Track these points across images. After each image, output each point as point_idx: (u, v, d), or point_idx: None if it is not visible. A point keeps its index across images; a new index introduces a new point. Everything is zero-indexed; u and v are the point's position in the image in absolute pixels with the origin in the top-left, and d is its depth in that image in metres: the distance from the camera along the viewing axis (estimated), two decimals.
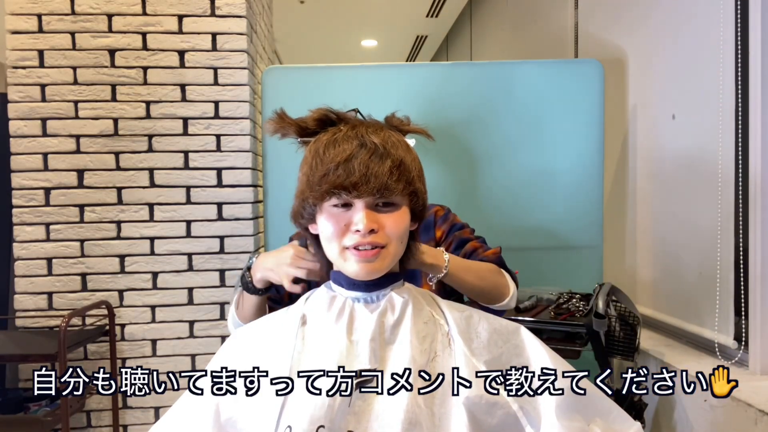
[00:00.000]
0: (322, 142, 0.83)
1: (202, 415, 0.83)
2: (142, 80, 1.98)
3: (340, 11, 4.55)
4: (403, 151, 0.83)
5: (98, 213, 1.99)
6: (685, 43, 1.75)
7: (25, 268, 1.97)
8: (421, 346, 0.81)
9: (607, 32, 2.25)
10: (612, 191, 2.19)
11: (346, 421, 0.75)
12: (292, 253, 1.00)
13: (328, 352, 0.80)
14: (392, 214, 0.82)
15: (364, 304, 0.84)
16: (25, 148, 1.96)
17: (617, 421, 0.84)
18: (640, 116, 2.01)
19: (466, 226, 1.30)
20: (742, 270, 1.51)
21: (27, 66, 1.95)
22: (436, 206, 1.32)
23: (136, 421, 2.04)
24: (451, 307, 0.88)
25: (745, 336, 1.51)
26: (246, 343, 0.88)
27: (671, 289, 1.84)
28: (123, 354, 2.02)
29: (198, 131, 2.01)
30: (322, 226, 0.83)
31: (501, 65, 2.02)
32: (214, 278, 2.04)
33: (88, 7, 1.96)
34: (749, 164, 1.48)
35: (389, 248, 0.82)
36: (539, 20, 3.07)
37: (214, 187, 2.02)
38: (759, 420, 1.27)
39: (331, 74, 2.03)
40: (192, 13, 1.99)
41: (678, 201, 1.79)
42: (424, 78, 2.03)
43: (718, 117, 1.56)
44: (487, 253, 1.22)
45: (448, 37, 5.45)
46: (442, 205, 1.34)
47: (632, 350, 1.60)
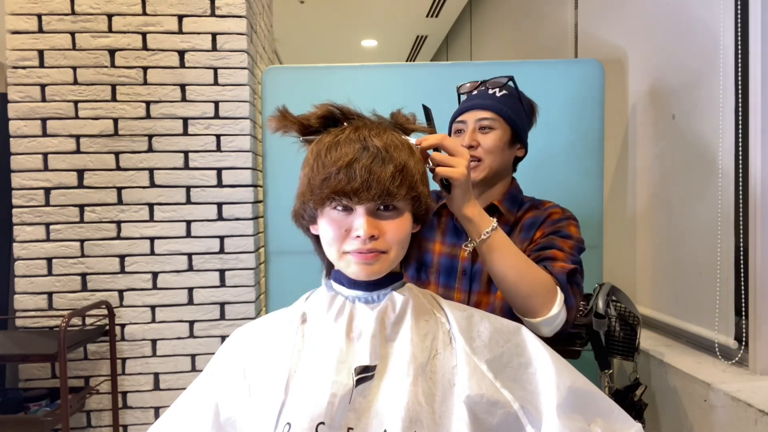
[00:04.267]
0: (324, 143, 0.81)
1: (202, 415, 0.83)
2: (142, 80, 1.98)
3: (340, 11, 4.55)
4: (405, 155, 0.82)
5: (98, 213, 1.99)
6: (685, 42, 1.75)
7: (25, 268, 1.98)
8: (422, 344, 0.81)
9: (607, 32, 2.25)
10: (612, 191, 2.19)
11: (346, 418, 0.75)
12: None
13: (328, 350, 0.80)
14: (394, 220, 0.81)
15: (365, 303, 0.84)
16: (25, 148, 1.96)
17: (618, 421, 0.84)
18: (640, 116, 2.01)
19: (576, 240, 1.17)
20: (742, 270, 1.51)
21: (27, 66, 1.95)
22: (557, 208, 1.23)
23: (136, 421, 2.04)
24: (452, 306, 0.88)
25: (745, 336, 1.51)
26: (246, 342, 0.88)
27: (671, 289, 1.84)
28: (123, 354, 2.02)
29: (198, 131, 2.01)
30: (322, 229, 0.83)
31: (501, 65, 2.02)
32: (214, 278, 2.04)
33: (88, 7, 1.96)
34: (749, 164, 1.48)
35: (389, 254, 0.82)
36: (539, 20, 3.07)
37: (214, 187, 2.02)
38: (759, 420, 1.27)
39: (331, 74, 2.03)
40: (192, 13, 1.99)
41: (678, 201, 1.79)
42: (424, 78, 2.03)
43: (718, 117, 1.56)
44: (556, 265, 1.08)
45: (448, 37, 5.45)
46: (567, 211, 1.23)
47: (632, 350, 1.60)
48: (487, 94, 1.27)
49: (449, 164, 0.95)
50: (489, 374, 0.80)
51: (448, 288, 1.22)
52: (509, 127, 1.24)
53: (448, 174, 0.95)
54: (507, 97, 1.26)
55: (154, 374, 2.04)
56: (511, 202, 1.26)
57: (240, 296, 2.05)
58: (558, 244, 1.14)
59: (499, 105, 1.24)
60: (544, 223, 1.20)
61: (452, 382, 0.79)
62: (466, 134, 1.24)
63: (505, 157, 1.25)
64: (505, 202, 1.25)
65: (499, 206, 1.24)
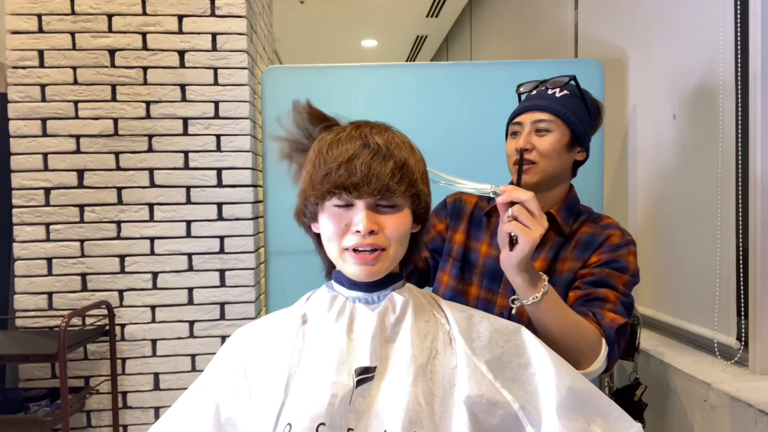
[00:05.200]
0: (326, 141, 0.83)
1: (202, 415, 0.83)
2: (142, 80, 1.98)
3: (340, 11, 4.55)
4: (406, 152, 0.83)
5: (98, 213, 1.99)
6: (685, 42, 1.75)
7: (25, 268, 1.98)
8: (422, 345, 0.81)
9: (607, 32, 2.25)
10: (612, 191, 2.19)
11: (346, 418, 0.75)
12: None
13: (329, 350, 0.80)
14: (393, 215, 0.81)
15: (365, 303, 0.84)
16: (25, 148, 1.96)
17: (618, 422, 0.84)
18: (640, 116, 2.01)
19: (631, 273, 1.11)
20: (742, 270, 1.51)
21: (27, 66, 1.95)
22: (617, 230, 1.16)
23: (136, 421, 2.04)
24: (452, 307, 0.88)
25: (745, 336, 1.51)
26: (247, 342, 0.88)
27: (671, 289, 1.84)
28: (123, 354, 2.02)
29: (198, 131, 2.01)
30: (323, 225, 0.83)
31: (501, 65, 2.02)
32: (214, 278, 2.04)
33: (88, 7, 1.96)
34: (749, 164, 1.48)
35: (389, 251, 0.82)
36: (539, 20, 3.07)
37: (214, 187, 2.02)
38: (759, 420, 1.27)
39: (331, 74, 2.03)
40: (192, 13, 1.99)
41: (678, 201, 1.79)
42: (424, 78, 2.03)
43: (718, 117, 1.56)
44: (607, 314, 1.03)
45: (448, 37, 5.45)
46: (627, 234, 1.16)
47: (632, 350, 1.60)
48: (546, 95, 1.20)
49: (526, 224, 0.91)
50: (489, 375, 0.80)
51: (491, 292, 1.18)
52: (568, 129, 1.17)
53: (521, 232, 0.90)
54: (568, 98, 1.19)
55: (154, 374, 2.04)
56: (569, 212, 1.19)
57: (240, 296, 2.05)
58: (612, 282, 1.08)
59: (557, 106, 1.17)
60: (602, 246, 1.13)
61: (452, 383, 0.80)
62: (521, 136, 1.18)
63: (563, 161, 1.18)
64: (562, 211, 1.19)
65: (556, 216, 1.18)
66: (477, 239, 1.23)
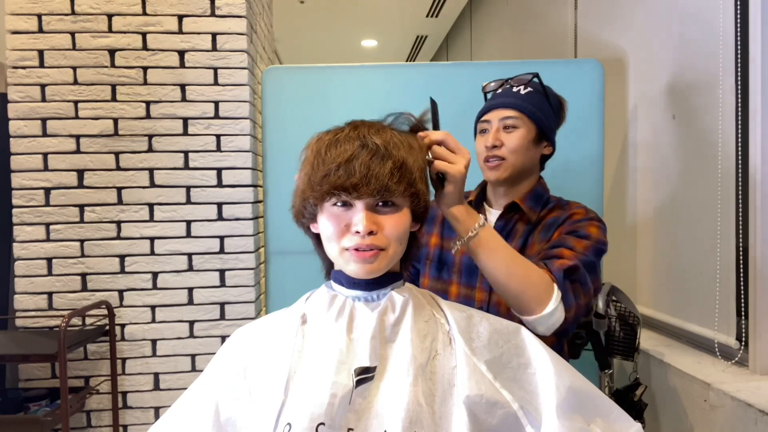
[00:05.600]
0: (324, 141, 0.83)
1: (202, 415, 0.83)
2: (142, 80, 1.98)
3: (340, 11, 4.55)
4: (405, 152, 0.83)
5: (98, 213, 1.99)
6: (685, 42, 1.75)
7: (25, 268, 1.98)
8: (421, 345, 0.81)
9: (607, 32, 2.25)
10: (612, 191, 2.19)
11: (346, 418, 0.75)
12: None
13: (329, 350, 0.80)
14: (392, 215, 0.82)
15: (365, 302, 0.84)
16: (25, 148, 1.96)
17: (617, 422, 0.84)
18: (640, 116, 2.01)
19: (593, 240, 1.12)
20: (742, 269, 1.51)
21: (27, 66, 1.95)
22: (581, 209, 1.20)
23: (136, 421, 2.04)
24: (451, 306, 0.89)
25: (745, 336, 1.51)
26: (247, 342, 0.88)
27: (671, 289, 1.84)
28: (123, 354, 2.02)
29: (198, 131, 2.01)
30: (322, 225, 0.83)
31: (501, 65, 2.02)
32: (214, 278, 2.04)
33: (88, 7, 1.96)
34: (749, 164, 1.48)
35: (388, 251, 0.82)
36: (539, 20, 3.07)
37: (214, 187, 2.02)
38: (759, 420, 1.27)
39: (331, 74, 2.03)
40: (192, 13, 1.99)
41: (678, 201, 1.79)
42: (424, 78, 2.03)
43: (718, 117, 1.56)
44: (556, 262, 1.06)
45: (448, 37, 5.45)
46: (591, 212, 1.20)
47: (632, 350, 1.60)
48: (511, 92, 1.24)
49: (449, 160, 0.95)
50: (488, 375, 0.80)
51: (470, 287, 1.21)
52: (534, 125, 1.22)
53: (445, 168, 0.95)
54: (532, 95, 1.23)
55: (154, 374, 2.04)
56: (535, 200, 1.23)
57: (240, 296, 2.05)
58: (570, 243, 1.11)
59: (522, 103, 1.21)
60: (565, 222, 1.17)
61: (452, 383, 0.80)
62: (490, 133, 1.22)
63: (531, 156, 1.23)
64: (527, 200, 1.23)
65: (521, 204, 1.22)
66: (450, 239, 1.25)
